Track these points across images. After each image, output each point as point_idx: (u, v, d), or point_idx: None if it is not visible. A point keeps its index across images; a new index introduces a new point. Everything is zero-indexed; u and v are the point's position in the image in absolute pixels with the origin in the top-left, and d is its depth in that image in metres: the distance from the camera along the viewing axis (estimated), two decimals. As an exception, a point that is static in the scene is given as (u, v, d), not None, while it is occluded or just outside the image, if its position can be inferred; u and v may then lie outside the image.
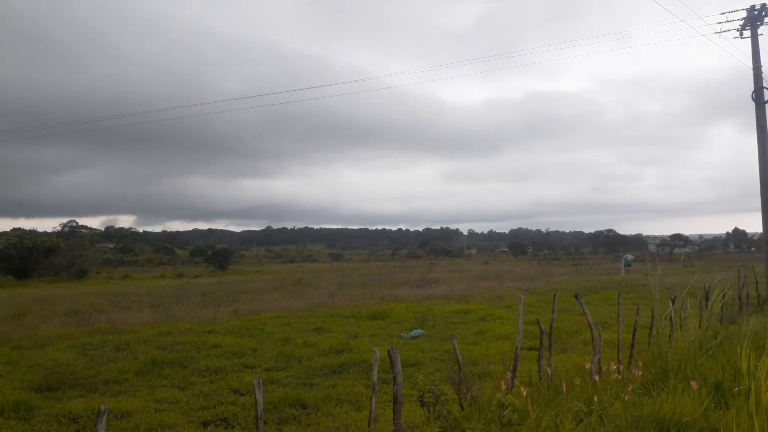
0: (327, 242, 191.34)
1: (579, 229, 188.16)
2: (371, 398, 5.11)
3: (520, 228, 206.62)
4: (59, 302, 24.39)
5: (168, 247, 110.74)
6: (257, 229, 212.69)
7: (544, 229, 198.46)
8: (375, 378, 5.17)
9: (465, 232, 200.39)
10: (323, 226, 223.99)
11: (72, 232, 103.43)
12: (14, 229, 76.48)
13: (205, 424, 7.33)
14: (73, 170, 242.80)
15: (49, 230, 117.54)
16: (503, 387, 5.49)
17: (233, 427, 7.25)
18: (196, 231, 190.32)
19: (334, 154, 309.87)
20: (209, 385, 9.38)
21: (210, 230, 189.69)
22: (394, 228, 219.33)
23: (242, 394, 8.68)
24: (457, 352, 5.98)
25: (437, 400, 5.16)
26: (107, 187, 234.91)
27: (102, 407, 4.60)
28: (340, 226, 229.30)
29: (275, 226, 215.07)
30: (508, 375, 6.12)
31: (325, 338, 13.38)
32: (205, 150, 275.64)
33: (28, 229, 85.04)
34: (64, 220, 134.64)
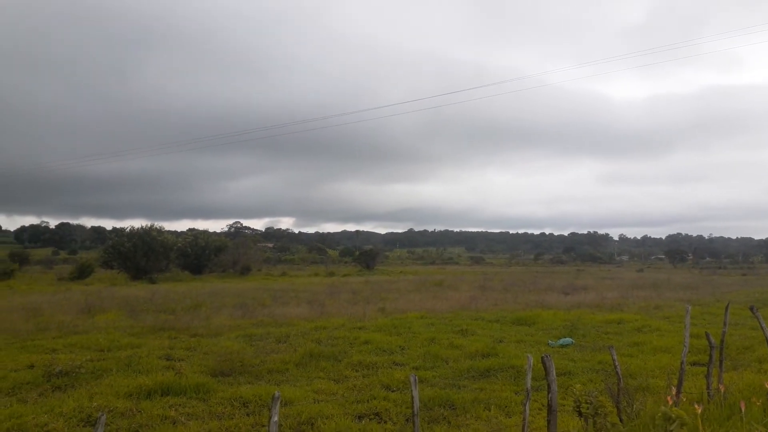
0: (467, 245, 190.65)
1: (748, 236, 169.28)
2: (524, 404, 5.09)
3: (678, 233, 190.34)
4: (227, 296, 26.95)
5: (320, 247, 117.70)
6: (400, 231, 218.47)
7: (706, 235, 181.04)
8: (529, 384, 5.14)
9: (615, 238, 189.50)
10: (463, 230, 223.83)
11: (237, 233, 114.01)
12: (190, 229, 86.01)
13: (359, 417, 7.70)
14: (244, 176, 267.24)
15: (218, 230, 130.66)
16: (669, 402, 5.17)
17: (385, 422, 7.53)
18: (345, 232, 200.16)
19: (485, 157, 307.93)
20: (362, 379, 9.84)
21: (357, 232, 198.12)
22: (536, 232, 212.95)
23: (393, 390, 9.00)
24: (616, 363, 5.73)
25: (596, 412, 5.00)
26: (272, 191, 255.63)
27: (276, 394, 5.07)
28: (480, 230, 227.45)
29: (417, 228, 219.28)
30: (673, 390, 5.73)
31: (470, 341, 13.41)
32: (363, 156, 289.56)
33: (201, 229, 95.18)
34: (232, 221, 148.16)
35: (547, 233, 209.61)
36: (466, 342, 13.26)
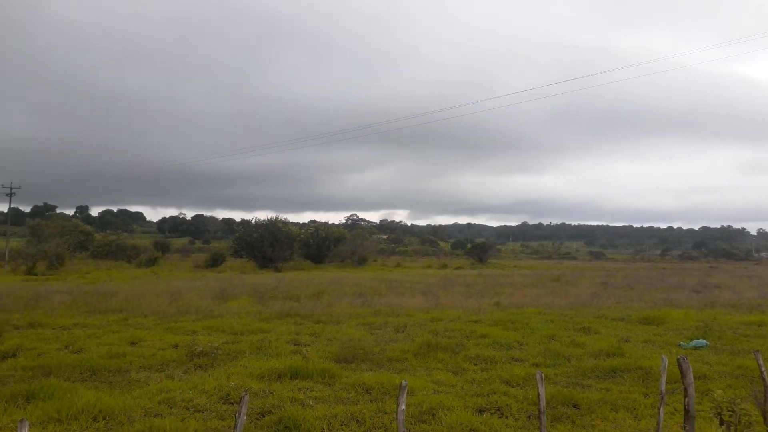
0: (585, 239, 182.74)
1: None
2: (659, 408, 4.89)
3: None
4: (347, 285, 27.91)
5: (432, 240, 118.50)
6: (514, 224, 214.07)
7: None
8: (663, 387, 4.93)
9: (753, 232, 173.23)
10: (582, 223, 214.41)
11: (354, 224, 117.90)
12: (311, 221, 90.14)
13: (480, 411, 7.69)
14: (362, 170, 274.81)
15: (337, 222, 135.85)
16: (825, 416, 4.73)
17: (507, 417, 7.46)
18: (456, 225, 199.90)
19: (610, 145, 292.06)
20: (480, 373, 9.83)
21: (469, 224, 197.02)
22: (663, 226, 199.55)
23: (513, 386, 8.89)
24: (763, 368, 5.32)
25: (739, 420, 4.68)
26: (388, 184, 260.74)
27: (403, 383, 5.25)
28: (601, 223, 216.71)
29: (531, 221, 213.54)
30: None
31: (593, 339, 12.94)
32: (479, 148, 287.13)
33: (321, 221, 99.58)
34: (349, 213, 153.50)
35: (675, 227, 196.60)
36: (588, 340, 12.81)
